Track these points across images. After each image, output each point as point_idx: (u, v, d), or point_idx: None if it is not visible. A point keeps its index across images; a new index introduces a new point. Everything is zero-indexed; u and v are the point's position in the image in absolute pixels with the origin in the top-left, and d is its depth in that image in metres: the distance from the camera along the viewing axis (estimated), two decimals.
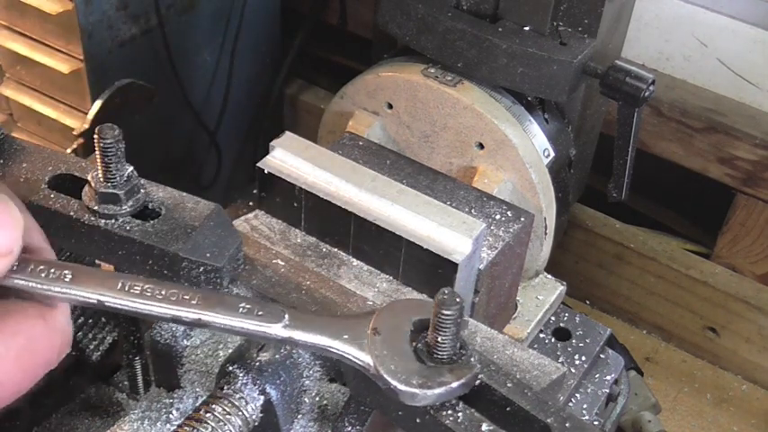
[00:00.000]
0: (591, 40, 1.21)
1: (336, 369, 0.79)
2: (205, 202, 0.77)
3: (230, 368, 0.76)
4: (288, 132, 1.01)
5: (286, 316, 0.66)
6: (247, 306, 0.66)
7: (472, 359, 0.66)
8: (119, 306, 0.64)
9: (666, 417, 1.74)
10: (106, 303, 0.64)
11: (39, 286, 0.61)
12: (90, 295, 0.63)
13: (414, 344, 0.67)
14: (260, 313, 0.66)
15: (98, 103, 1.43)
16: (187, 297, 0.65)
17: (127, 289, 0.64)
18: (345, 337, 0.66)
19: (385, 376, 0.65)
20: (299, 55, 2.11)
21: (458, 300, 0.63)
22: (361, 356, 0.66)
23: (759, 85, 1.74)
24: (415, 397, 0.64)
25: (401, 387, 0.64)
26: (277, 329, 0.66)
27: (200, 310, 0.65)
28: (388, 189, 0.94)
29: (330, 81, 2.19)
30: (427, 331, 0.66)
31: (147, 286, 0.65)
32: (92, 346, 0.92)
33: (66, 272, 0.63)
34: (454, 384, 0.65)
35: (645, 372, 1.77)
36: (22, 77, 1.76)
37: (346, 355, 0.66)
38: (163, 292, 0.65)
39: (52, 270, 0.62)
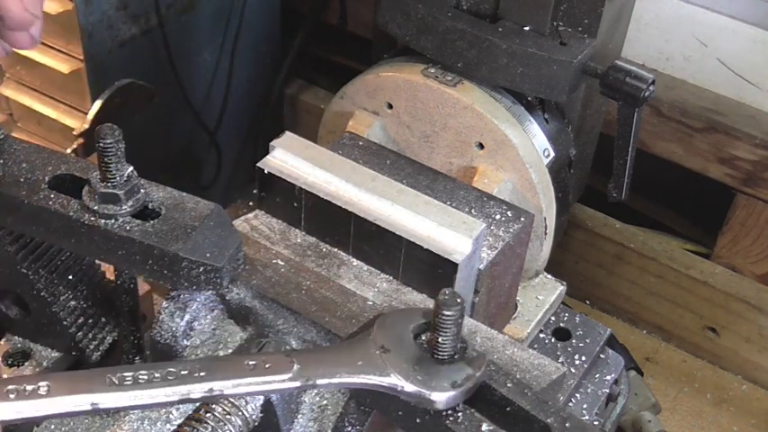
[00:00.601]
0: (591, 40, 1.21)
1: None
2: (205, 202, 0.77)
3: None
4: (288, 132, 1.01)
5: (294, 361, 0.63)
6: (252, 362, 0.61)
7: (474, 353, 0.66)
8: (119, 406, 0.56)
9: (666, 417, 1.74)
10: (102, 406, 0.55)
11: (20, 414, 0.53)
12: (79, 402, 0.55)
13: (422, 350, 0.66)
14: (267, 366, 0.61)
15: (98, 103, 1.43)
16: (186, 372, 0.58)
17: (118, 383, 0.56)
18: (360, 363, 0.64)
19: (419, 390, 0.63)
20: (299, 55, 2.10)
21: (458, 300, 0.64)
22: (385, 380, 0.64)
23: (759, 85, 1.74)
24: (450, 400, 0.64)
25: (437, 395, 0.63)
26: (292, 379, 0.61)
27: (208, 382, 0.59)
28: (388, 189, 0.94)
29: (330, 81, 2.19)
30: (421, 338, 0.66)
31: (139, 373, 0.57)
32: (92, 346, 0.92)
33: (42, 384, 0.54)
34: (478, 374, 0.65)
35: (645, 372, 1.77)
36: (22, 77, 1.76)
37: (371, 383, 0.64)
38: (158, 375, 0.57)
39: (23, 388, 0.54)
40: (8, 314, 0.92)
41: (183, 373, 0.59)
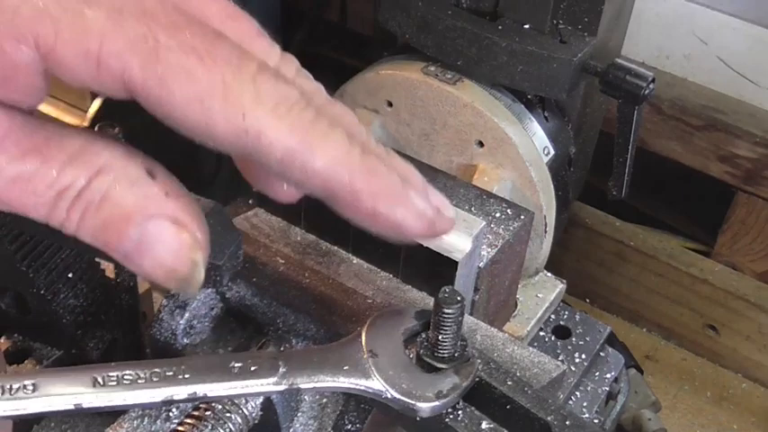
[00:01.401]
0: (591, 38, 1.21)
1: None
2: (205, 200, 0.77)
3: None
4: None
5: (280, 363, 0.62)
6: (238, 364, 0.61)
7: (473, 353, 0.66)
8: (102, 406, 0.56)
9: (666, 415, 1.74)
10: (85, 406, 0.56)
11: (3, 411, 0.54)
12: (64, 402, 0.55)
13: (411, 353, 0.66)
14: (253, 368, 0.61)
15: (98, 102, 1.43)
16: (171, 372, 0.58)
17: (102, 383, 0.56)
18: (346, 368, 0.64)
19: (401, 398, 0.63)
20: (300, 53, 2.10)
21: (458, 298, 0.63)
22: (369, 384, 0.64)
23: (759, 83, 1.74)
24: (434, 409, 0.64)
25: (419, 404, 0.63)
26: (277, 383, 0.61)
27: (193, 384, 0.58)
28: None
29: (330, 79, 2.19)
30: (420, 337, 0.66)
31: (124, 373, 0.57)
32: (91, 344, 0.92)
33: (27, 383, 0.54)
34: (465, 384, 0.65)
35: (645, 370, 1.77)
36: None
37: (355, 388, 0.64)
38: (144, 375, 0.57)
39: (8, 386, 0.54)
40: (8, 312, 0.92)
41: (168, 374, 0.58)
